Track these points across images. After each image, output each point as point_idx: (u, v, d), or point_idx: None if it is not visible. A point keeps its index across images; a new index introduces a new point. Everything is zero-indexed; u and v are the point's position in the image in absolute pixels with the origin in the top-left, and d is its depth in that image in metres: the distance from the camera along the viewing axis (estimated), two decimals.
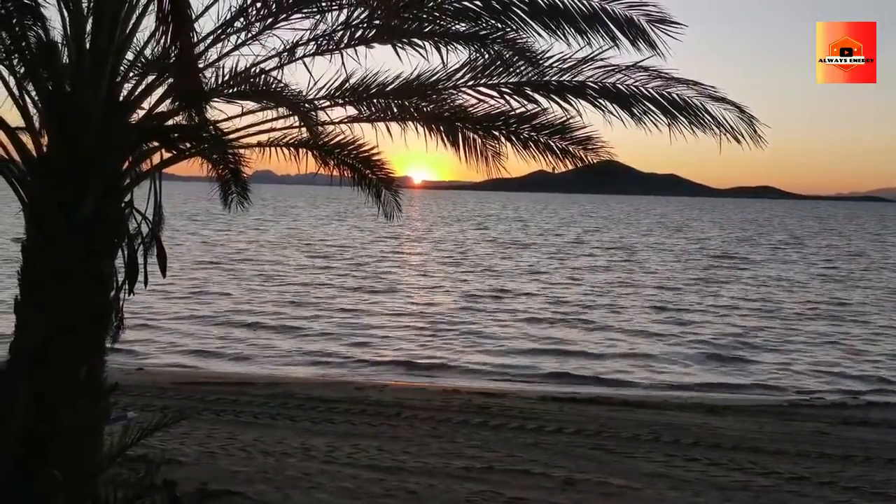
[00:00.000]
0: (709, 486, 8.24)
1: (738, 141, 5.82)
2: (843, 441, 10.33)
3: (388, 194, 7.56)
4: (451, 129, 6.41)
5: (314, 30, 5.68)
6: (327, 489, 7.53)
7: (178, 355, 17.04)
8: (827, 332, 21.71)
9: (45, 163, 5.11)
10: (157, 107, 5.47)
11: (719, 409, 12.44)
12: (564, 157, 6.58)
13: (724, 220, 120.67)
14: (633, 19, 5.55)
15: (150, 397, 11.54)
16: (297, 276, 31.59)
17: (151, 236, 5.93)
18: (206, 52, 5.53)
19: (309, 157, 6.81)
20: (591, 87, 5.84)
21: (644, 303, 26.47)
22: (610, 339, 20.07)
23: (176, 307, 22.52)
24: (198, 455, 8.53)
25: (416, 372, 16.27)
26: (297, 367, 16.33)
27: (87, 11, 5.10)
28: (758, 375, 16.60)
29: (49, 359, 4.99)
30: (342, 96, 6.16)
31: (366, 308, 23.96)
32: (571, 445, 9.68)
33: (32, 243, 5.10)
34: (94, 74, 5.04)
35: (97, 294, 5.23)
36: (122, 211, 5.53)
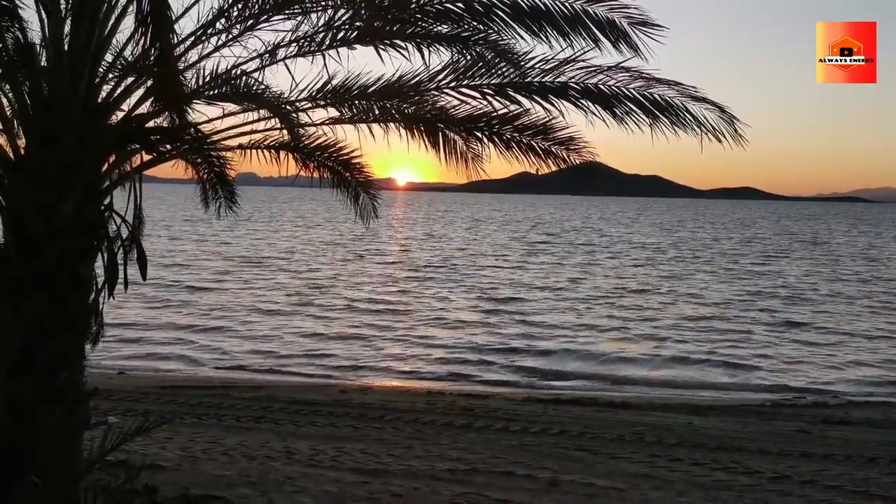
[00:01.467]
0: (692, 485, 8.26)
1: (718, 140, 5.85)
2: (825, 440, 10.39)
3: (366, 197, 7.52)
4: (432, 130, 6.40)
5: (296, 31, 5.66)
6: (311, 493, 7.48)
7: (159, 359, 16.91)
8: (809, 332, 21.92)
9: (23, 165, 5.04)
10: (136, 108, 5.42)
11: (702, 409, 12.50)
12: (547, 157, 6.60)
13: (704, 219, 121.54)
14: (614, 21, 5.57)
15: (131, 402, 11.43)
16: (279, 277, 31.48)
17: (131, 239, 5.87)
18: (186, 54, 5.49)
19: (290, 160, 6.78)
20: (574, 88, 5.86)
21: (622, 304, 26.58)
22: (593, 339, 20.14)
23: (157, 310, 22.37)
24: (179, 459, 8.45)
25: (398, 375, 16.29)
26: (280, 372, 16.27)
27: (66, 13, 5.05)
28: (741, 376, 16.73)
29: (28, 364, 4.94)
30: (324, 98, 6.14)
31: (349, 310, 23.91)
32: (556, 447, 9.68)
33: (10, 246, 5.03)
34: (72, 76, 4.99)
35: (76, 297, 5.18)
36: (102, 213, 5.46)
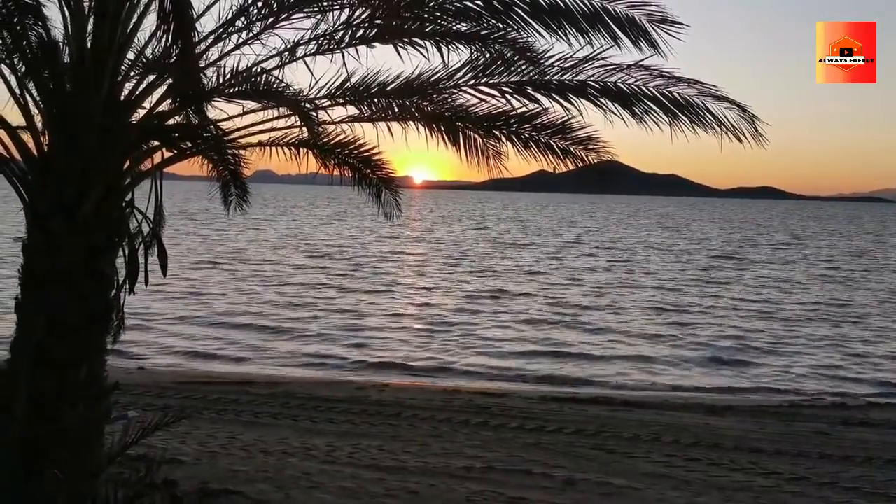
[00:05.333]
0: (709, 486, 8.23)
1: (739, 140, 5.81)
2: (844, 441, 10.31)
3: (389, 194, 7.53)
4: (451, 128, 6.40)
5: (315, 29, 5.67)
6: (328, 489, 7.52)
7: (179, 355, 17.02)
8: (827, 334, 21.71)
9: (46, 162, 5.10)
10: (157, 106, 5.46)
11: (720, 409, 12.43)
12: (565, 156, 6.57)
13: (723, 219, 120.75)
14: (634, 19, 5.54)
15: (150, 397, 11.54)
16: (295, 276, 31.59)
17: (152, 235, 5.93)
18: (207, 52, 5.52)
19: (310, 157, 6.79)
20: (593, 87, 5.83)
21: (644, 304, 26.46)
22: (610, 340, 20.06)
23: (176, 306, 22.51)
24: (198, 454, 8.53)
25: (415, 372, 16.30)
26: (298, 368, 16.34)
27: (88, 11, 5.09)
28: (758, 377, 16.60)
29: (50, 358, 4.99)
30: (343, 96, 6.15)
31: (365, 309, 23.96)
32: (572, 445, 9.68)
33: (33, 243, 5.09)
34: (94, 74, 5.03)
35: (98, 293, 5.23)
36: (123, 210, 5.52)
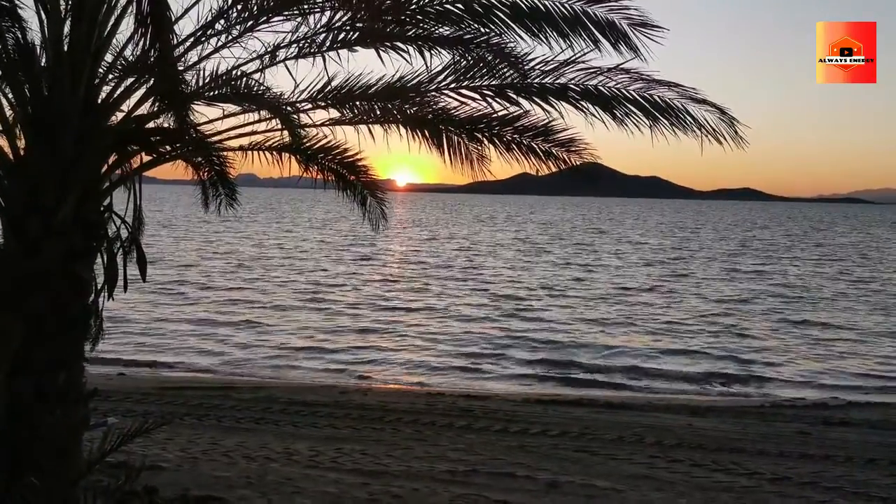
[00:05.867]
0: (692, 487, 8.26)
1: (719, 142, 5.83)
2: (825, 441, 10.39)
3: (374, 201, 7.49)
4: (434, 131, 6.38)
5: (296, 32, 5.64)
6: (310, 494, 7.48)
7: (161, 359, 16.91)
8: (810, 333, 21.91)
9: (23, 165, 5.04)
10: (136, 109, 5.41)
11: (702, 410, 12.49)
12: (547, 159, 6.57)
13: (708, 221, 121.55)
14: (614, 22, 5.55)
15: (131, 402, 11.43)
16: (279, 277, 31.48)
17: (131, 240, 5.87)
18: (186, 55, 5.48)
19: (292, 161, 6.76)
20: (574, 90, 5.84)
21: (628, 305, 26.58)
22: (592, 342, 20.13)
23: (157, 311, 22.36)
24: (179, 460, 8.45)
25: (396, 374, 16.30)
26: (281, 371, 16.29)
27: (65, 13, 5.04)
28: (741, 377, 16.72)
29: (28, 364, 4.93)
30: (324, 99, 6.11)
31: (348, 312, 23.91)
32: (556, 448, 9.68)
33: (10, 247, 5.02)
34: (72, 77, 4.98)
35: (76, 298, 5.17)
36: (102, 214, 5.46)
